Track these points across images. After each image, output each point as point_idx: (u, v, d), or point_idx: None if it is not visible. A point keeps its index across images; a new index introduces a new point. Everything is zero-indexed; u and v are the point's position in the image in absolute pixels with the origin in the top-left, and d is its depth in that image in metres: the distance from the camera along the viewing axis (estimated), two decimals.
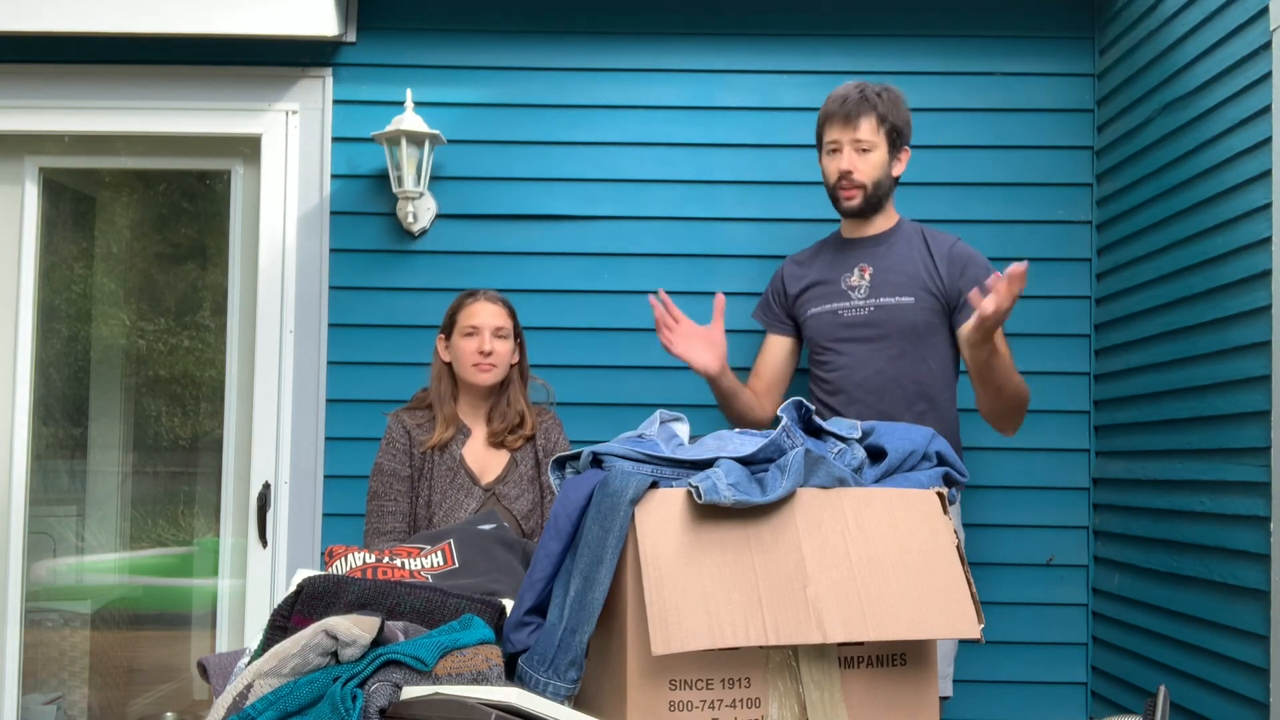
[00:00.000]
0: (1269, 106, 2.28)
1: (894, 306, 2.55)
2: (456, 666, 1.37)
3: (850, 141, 2.54)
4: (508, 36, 3.23)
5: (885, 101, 2.55)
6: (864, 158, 2.55)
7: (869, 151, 2.55)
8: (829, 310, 2.64)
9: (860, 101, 2.53)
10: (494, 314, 2.62)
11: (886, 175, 2.58)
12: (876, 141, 2.54)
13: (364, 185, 3.21)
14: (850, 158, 2.55)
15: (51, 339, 3.42)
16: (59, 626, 3.41)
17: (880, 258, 2.61)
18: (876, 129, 2.54)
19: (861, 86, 2.57)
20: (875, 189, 2.57)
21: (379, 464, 2.61)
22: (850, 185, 2.57)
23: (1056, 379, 3.15)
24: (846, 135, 2.55)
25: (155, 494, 3.49)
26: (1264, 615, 2.24)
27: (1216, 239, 2.49)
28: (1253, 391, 2.32)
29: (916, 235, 2.63)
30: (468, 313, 2.62)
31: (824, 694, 1.47)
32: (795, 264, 2.79)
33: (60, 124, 3.25)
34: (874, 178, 2.56)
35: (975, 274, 2.51)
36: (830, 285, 2.65)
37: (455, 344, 2.62)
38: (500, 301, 2.66)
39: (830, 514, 1.51)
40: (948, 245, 2.59)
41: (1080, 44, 3.20)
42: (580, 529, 1.52)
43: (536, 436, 2.65)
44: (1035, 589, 3.11)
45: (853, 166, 2.55)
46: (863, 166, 2.55)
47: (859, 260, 2.63)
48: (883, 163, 2.57)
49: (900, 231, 2.64)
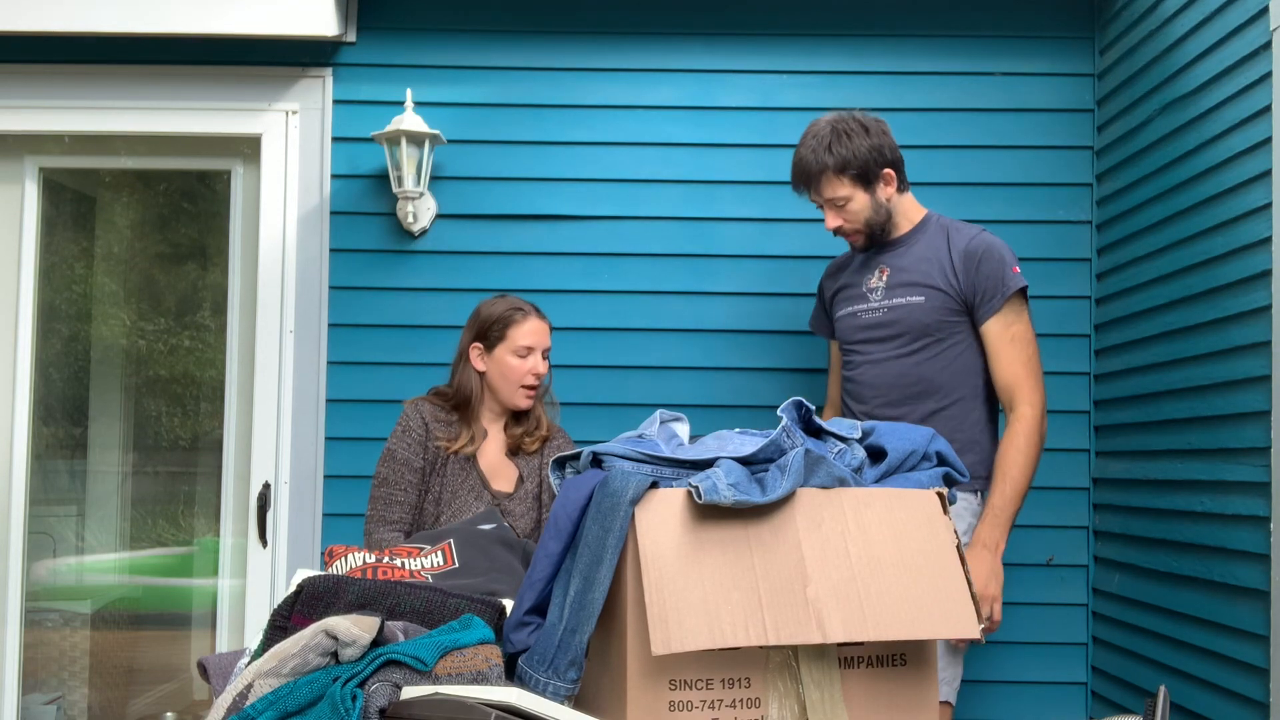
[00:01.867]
0: (1269, 106, 2.28)
1: (905, 306, 2.51)
2: (456, 666, 1.37)
3: (824, 202, 2.53)
4: (508, 36, 3.23)
5: (839, 149, 2.46)
6: (843, 210, 2.51)
7: (846, 204, 2.50)
8: (850, 313, 2.63)
9: (815, 163, 2.48)
10: (546, 334, 2.54)
11: (876, 209, 2.52)
12: (848, 193, 2.49)
13: (364, 185, 3.21)
14: (831, 217, 2.53)
15: (51, 339, 3.42)
16: (59, 626, 3.41)
17: (899, 258, 2.56)
18: (839, 181, 2.48)
19: (814, 140, 2.49)
20: (870, 227, 2.54)
21: (391, 450, 2.49)
22: (845, 234, 2.56)
23: (1056, 379, 3.14)
24: (817, 198, 2.53)
25: (155, 494, 3.49)
26: (1264, 615, 2.24)
27: (1216, 239, 2.49)
28: (1253, 391, 2.32)
29: (940, 232, 2.54)
30: (522, 331, 2.51)
31: (824, 694, 1.47)
32: (832, 269, 2.77)
33: (60, 124, 3.25)
34: (863, 219, 2.52)
35: (990, 269, 2.44)
36: (855, 288, 2.63)
37: (501, 359, 2.51)
38: (547, 319, 2.58)
39: (830, 514, 1.51)
40: (965, 239, 2.50)
41: (1080, 44, 3.20)
42: (580, 529, 1.52)
43: (545, 451, 2.59)
44: (1035, 589, 3.11)
45: (839, 222, 2.53)
46: (846, 218, 2.52)
47: (882, 262, 2.59)
48: (864, 205, 2.51)
49: (925, 229, 2.57)
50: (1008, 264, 2.45)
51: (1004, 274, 2.44)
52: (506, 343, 2.51)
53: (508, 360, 2.50)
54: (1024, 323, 2.46)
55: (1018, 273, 2.45)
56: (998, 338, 2.45)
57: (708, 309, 3.19)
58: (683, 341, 3.19)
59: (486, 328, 2.53)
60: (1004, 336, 2.45)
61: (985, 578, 2.33)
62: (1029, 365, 2.45)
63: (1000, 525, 2.37)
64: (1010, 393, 2.44)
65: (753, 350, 3.18)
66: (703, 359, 3.19)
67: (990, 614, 2.35)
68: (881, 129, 2.52)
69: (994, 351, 2.46)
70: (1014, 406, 2.43)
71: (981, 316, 2.46)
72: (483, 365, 2.54)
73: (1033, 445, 2.40)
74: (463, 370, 2.56)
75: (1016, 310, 2.45)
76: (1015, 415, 2.43)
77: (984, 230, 2.53)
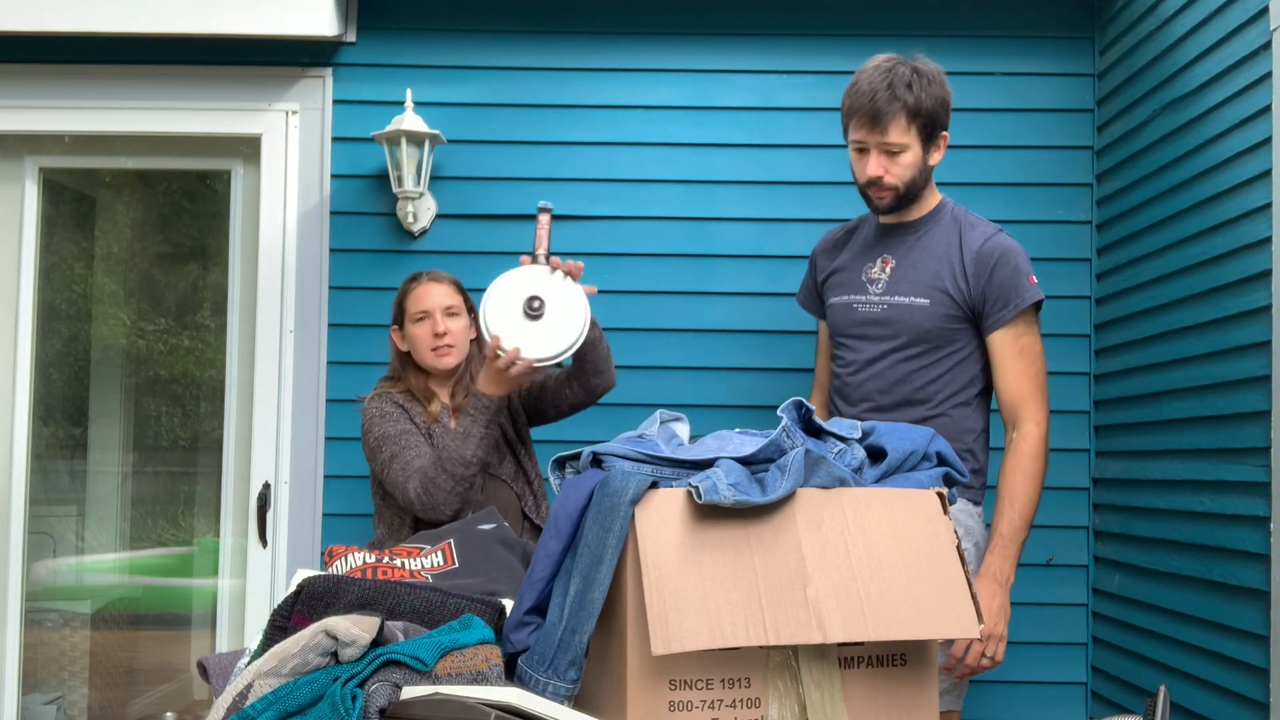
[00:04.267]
0: (1269, 106, 2.28)
1: (907, 307, 2.33)
2: (456, 666, 1.38)
3: (877, 145, 2.27)
4: (508, 36, 3.23)
5: (917, 91, 2.23)
6: (894, 160, 2.27)
7: (900, 154, 2.27)
8: (845, 302, 2.44)
9: (889, 100, 2.22)
10: (442, 294, 2.56)
11: (921, 170, 2.30)
12: (908, 142, 2.26)
13: (364, 185, 3.21)
14: (878, 162, 2.28)
15: (51, 339, 3.42)
16: (59, 626, 3.41)
17: (908, 250, 2.37)
18: (907, 128, 2.25)
19: (891, 75, 2.23)
20: (909, 189, 2.31)
21: (385, 432, 2.46)
22: (881, 188, 2.31)
23: (1056, 379, 3.11)
24: (873, 138, 2.26)
25: (155, 494, 3.49)
26: (1264, 615, 2.24)
27: (1216, 239, 2.49)
28: (1253, 391, 2.32)
29: (953, 226, 2.36)
30: (414, 298, 2.56)
31: (824, 694, 1.47)
32: (826, 244, 2.59)
33: (60, 124, 3.25)
34: (907, 179, 2.29)
35: (1004, 276, 2.28)
36: (852, 273, 2.44)
37: (411, 333, 2.55)
38: (446, 279, 2.60)
39: (830, 514, 1.51)
40: (980, 240, 2.32)
41: (1080, 44, 3.20)
42: (580, 529, 1.52)
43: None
44: (1035, 589, 3.10)
45: (881, 171, 2.28)
46: (894, 169, 2.28)
47: (886, 249, 2.40)
48: (915, 161, 2.28)
49: (938, 219, 2.38)
50: (1023, 273, 2.30)
51: (1019, 283, 2.29)
52: (408, 315, 2.57)
53: (414, 331, 2.56)
54: (1034, 335, 2.33)
55: (1034, 283, 2.31)
56: (1005, 350, 2.31)
57: (708, 309, 3.19)
58: (683, 341, 3.18)
59: (396, 308, 2.61)
60: (1012, 349, 2.30)
61: (996, 615, 2.20)
62: (1036, 380, 2.32)
63: (1011, 557, 2.25)
64: (1015, 409, 2.30)
65: (753, 350, 3.18)
66: (703, 359, 3.19)
67: (994, 654, 2.22)
68: (949, 91, 2.32)
69: (1000, 364, 2.32)
70: (1018, 424, 2.30)
71: (990, 325, 2.31)
72: (404, 345, 2.60)
73: (1039, 466, 2.30)
74: (393, 357, 2.63)
75: (1028, 322, 2.32)
76: (1020, 434, 2.30)
77: (1000, 230, 2.37)
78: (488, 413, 2.39)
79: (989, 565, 2.25)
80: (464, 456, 2.36)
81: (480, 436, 2.38)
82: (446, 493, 2.36)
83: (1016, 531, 2.26)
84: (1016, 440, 2.31)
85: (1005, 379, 2.32)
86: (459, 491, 2.37)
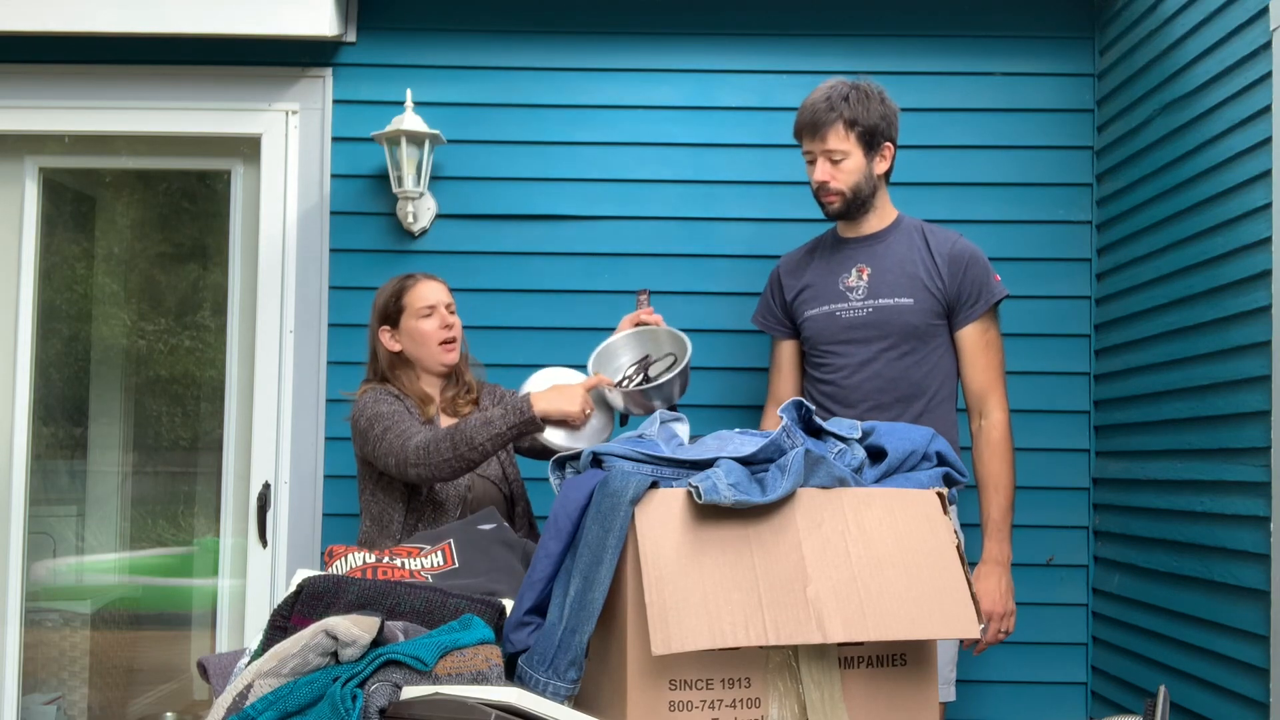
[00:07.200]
0: (1269, 106, 2.28)
1: (892, 307, 2.51)
2: (456, 666, 1.38)
3: (821, 152, 2.50)
4: (508, 36, 3.23)
5: (854, 104, 2.48)
6: (838, 167, 2.50)
7: (841, 160, 2.49)
8: (827, 311, 2.60)
9: (826, 110, 2.47)
10: (443, 290, 2.59)
11: (866, 177, 2.52)
12: (847, 149, 2.48)
13: (364, 185, 3.21)
14: (823, 169, 2.51)
15: (51, 339, 3.42)
16: (59, 626, 3.41)
17: (879, 257, 2.56)
18: (845, 136, 2.48)
19: (830, 91, 2.50)
20: (855, 194, 2.52)
21: (379, 411, 2.43)
22: (829, 193, 2.53)
23: (1056, 379, 3.15)
24: (817, 146, 2.50)
25: (155, 494, 3.49)
26: (1264, 615, 2.24)
27: (1216, 239, 2.49)
28: (1253, 391, 2.32)
29: (916, 234, 2.57)
30: (417, 294, 2.56)
31: (824, 694, 1.47)
32: (789, 265, 2.74)
33: (60, 124, 3.25)
34: (851, 184, 2.51)
35: (976, 275, 2.51)
36: (827, 286, 2.60)
37: (411, 328, 2.54)
38: (440, 279, 2.63)
39: (830, 514, 1.51)
40: (949, 244, 2.54)
41: (1080, 44, 3.20)
42: (580, 529, 1.52)
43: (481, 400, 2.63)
44: (1035, 589, 3.11)
45: (827, 177, 2.50)
46: (838, 175, 2.50)
47: (856, 260, 2.58)
48: (858, 167, 2.50)
49: (899, 229, 2.59)
50: (990, 272, 2.54)
51: (987, 281, 2.52)
52: (409, 311, 2.55)
53: (417, 326, 2.54)
54: (996, 330, 2.55)
55: (999, 281, 2.54)
56: (974, 343, 2.53)
57: (708, 309, 3.19)
58: None
59: (386, 309, 2.58)
60: (980, 342, 2.52)
61: (1004, 594, 2.46)
62: (1000, 371, 2.54)
63: (1006, 539, 2.49)
64: (983, 398, 2.53)
65: (753, 350, 3.18)
66: (703, 359, 3.18)
67: (1008, 628, 2.48)
68: (894, 109, 2.56)
69: (969, 356, 2.53)
70: (986, 412, 2.53)
71: (960, 321, 2.52)
72: (397, 344, 2.57)
73: (1011, 451, 2.52)
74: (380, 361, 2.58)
75: (993, 318, 2.55)
76: (989, 421, 2.52)
77: (961, 235, 2.58)
78: (519, 417, 2.31)
79: (989, 551, 2.49)
80: (476, 440, 2.30)
81: (498, 432, 2.30)
82: (445, 459, 2.30)
83: (1005, 514, 2.49)
84: (987, 428, 2.53)
85: (974, 370, 2.54)
86: (455, 467, 2.31)
